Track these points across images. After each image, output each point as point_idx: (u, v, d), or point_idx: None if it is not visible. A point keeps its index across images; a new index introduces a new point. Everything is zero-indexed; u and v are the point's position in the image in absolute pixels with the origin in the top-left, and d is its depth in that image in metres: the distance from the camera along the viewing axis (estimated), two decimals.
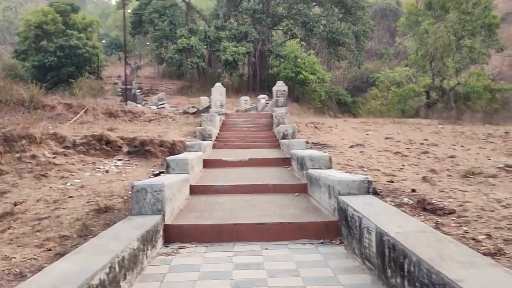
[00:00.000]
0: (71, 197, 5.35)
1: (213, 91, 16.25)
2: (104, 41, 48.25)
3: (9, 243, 3.82)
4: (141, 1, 38.67)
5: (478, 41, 22.43)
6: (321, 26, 32.31)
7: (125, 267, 2.58)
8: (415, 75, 24.35)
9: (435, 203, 4.37)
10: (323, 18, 33.29)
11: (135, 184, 3.78)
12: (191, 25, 34.26)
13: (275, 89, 16.12)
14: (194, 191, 5.32)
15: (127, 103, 22.31)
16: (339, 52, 33.06)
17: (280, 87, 16.17)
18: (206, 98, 18.32)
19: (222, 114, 14.72)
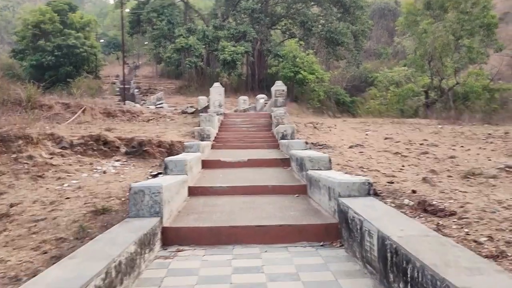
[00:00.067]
0: (68, 198, 5.29)
1: (211, 91, 16.14)
2: (102, 40, 48.24)
3: (5, 246, 3.76)
4: (139, 1, 38.64)
5: (476, 41, 22.46)
6: (320, 25, 32.36)
7: (122, 272, 2.53)
8: (414, 75, 24.38)
9: (435, 204, 4.32)
10: (321, 17, 33.32)
11: (132, 185, 3.73)
12: (189, 24, 34.22)
13: (274, 89, 16.03)
14: (192, 192, 5.27)
15: (125, 103, 22.26)
16: (338, 51, 33.10)
17: (279, 87, 16.09)
18: (204, 98, 18.26)
19: (220, 114, 14.67)
